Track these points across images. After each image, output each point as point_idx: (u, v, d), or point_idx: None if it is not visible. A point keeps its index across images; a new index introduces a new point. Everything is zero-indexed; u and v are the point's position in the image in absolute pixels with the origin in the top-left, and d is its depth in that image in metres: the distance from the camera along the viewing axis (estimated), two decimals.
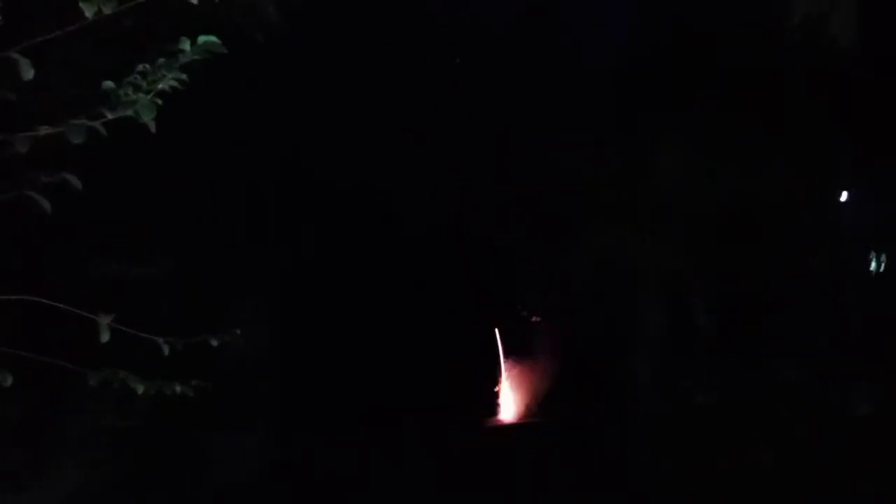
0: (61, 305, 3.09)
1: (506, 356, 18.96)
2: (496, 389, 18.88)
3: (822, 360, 12.28)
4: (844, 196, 14.45)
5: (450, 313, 17.07)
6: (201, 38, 2.61)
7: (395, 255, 16.18)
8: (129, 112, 2.59)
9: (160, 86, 2.61)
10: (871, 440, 10.57)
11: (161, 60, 2.63)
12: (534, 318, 18.31)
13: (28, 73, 2.57)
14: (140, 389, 3.29)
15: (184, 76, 2.64)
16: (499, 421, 18.29)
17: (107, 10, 2.58)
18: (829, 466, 10.21)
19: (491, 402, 18.55)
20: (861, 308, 13.29)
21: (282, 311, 12.73)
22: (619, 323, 14.87)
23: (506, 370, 18.96)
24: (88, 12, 2.58)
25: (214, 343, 3.46)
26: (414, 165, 15.72)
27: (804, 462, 10.48)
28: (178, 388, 3.42)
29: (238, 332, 3.55)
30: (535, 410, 17.73)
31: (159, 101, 2.63)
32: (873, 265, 14.57)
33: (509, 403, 18.64)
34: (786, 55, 11.46)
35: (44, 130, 2.60)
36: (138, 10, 2.80)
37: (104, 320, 3.05)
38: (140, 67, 2.64)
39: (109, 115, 2.59)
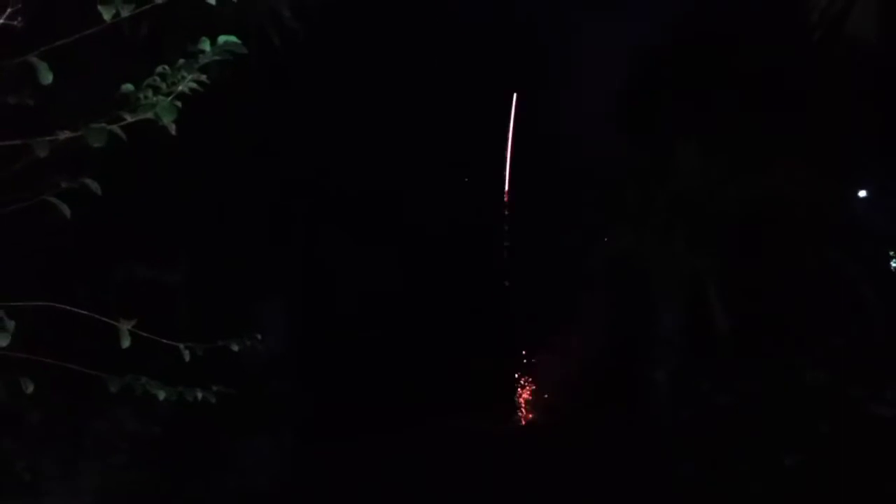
0: (82, 311, 3.06)
1: (526, 357, 18.93)
2: (515, 392, 18.85)
3: (845, 360, 12.11)
4: (863, 193, 14.29)
5: (469, 317, 17.06)
6: (222, 38, 2.57)
7: (416, 259, 16.19)
8: (149, 114, 2.55)
9: (180, 87, 2.57)
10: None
11: (181, 61, 2.59)
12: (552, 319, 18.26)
13: (47, 77, 2.54)
14: (161, 395, 3.26)
15: (203, 77, 2.60)
16: (518, 422, 18.27)
17: (125, 13, 2.55)
18: (853, 469, 10.05)
19: (510, 404, 18.53)
20: (883, 307, 13.11)
21: (301, 315, 12.73)
22: (637, 324, 14.76)
23: (525, 371, 18.92)
24: (107, 15, 2.55)
25: (235, 348, 3.42)
26: (433, 166, 15.73)
27: (828, 465, 10.32)
28: (199, 395, 3.38)
29: (259, 336, 3.52)
30: (554, 411, 17.68)
31: (179, 104, 2.60)
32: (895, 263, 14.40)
33: (528, 405, 18.61)
34: (806, 51, 11.34)
35: (63, 135, 2.57)
36: (155, 14, 2.77)
37: (124, 325, 3.01)
38: (159, 69, 2.60)
39: (129, 118, 2.55)
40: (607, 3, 16.67)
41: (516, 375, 19.10)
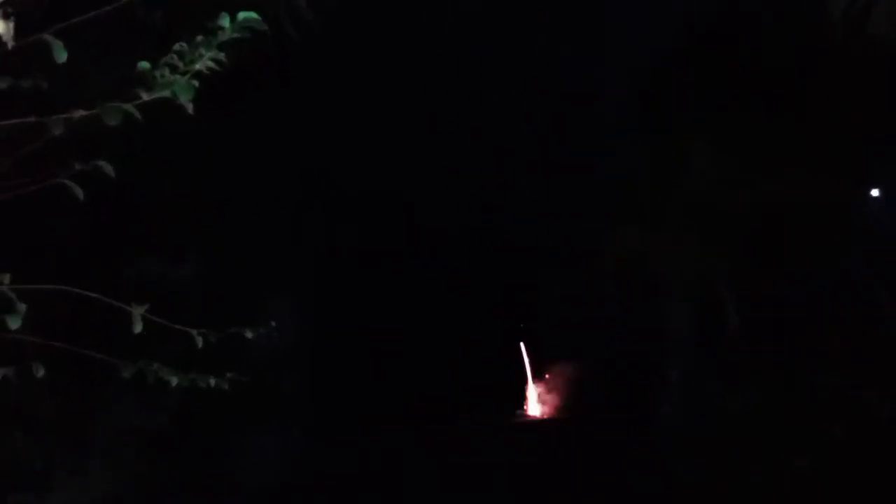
0: (94, 295, 3.02)
1: (536, 355, 18.94)
2: (524, 387, 18.86)
3: (857, 362, 12.02)
4: (876, 193, 14.16)
5: (479, 314, 17.06)
6: (241, 15, 2.52)
7: (429, 257, 16.22)
8: (166, 93, 2.50)
9: (197, 66, 2.51)
10: None
11: (199, 38, 2.54)
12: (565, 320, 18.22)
13: (61, 56, 2.49)
14: (174, 381, 3.22)
15: (221, 56, 2.55)
16: (527, 418, 18.29)
17: None
18: (867, 472, 9.96)
19: (519, 400, 18.55)
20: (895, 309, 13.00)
21: (313, 311, 12.73)
22: (649, 325, 14.71)
23: (535, 368, 18.93)
24: None
25: (249, 335, 3.38)
26: (443, 168, 15.72)
27: (840, 468, 10.23)
28: (212, 382, 3.35)
29: (273, 324, 3.48)
30: (565, 408, 17.68)
31: (196, 83, 2.54)
32: None
33: (537, 401, 18.61)
34: (824, 52, 11.25)
35: (78, 113, 2.52)
36: None
37: (137, 311, 2.97)
38: (177, 46, 2.55)
39: (145, 97, 2.50)
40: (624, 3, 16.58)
41: (528, 374, 19.11)
